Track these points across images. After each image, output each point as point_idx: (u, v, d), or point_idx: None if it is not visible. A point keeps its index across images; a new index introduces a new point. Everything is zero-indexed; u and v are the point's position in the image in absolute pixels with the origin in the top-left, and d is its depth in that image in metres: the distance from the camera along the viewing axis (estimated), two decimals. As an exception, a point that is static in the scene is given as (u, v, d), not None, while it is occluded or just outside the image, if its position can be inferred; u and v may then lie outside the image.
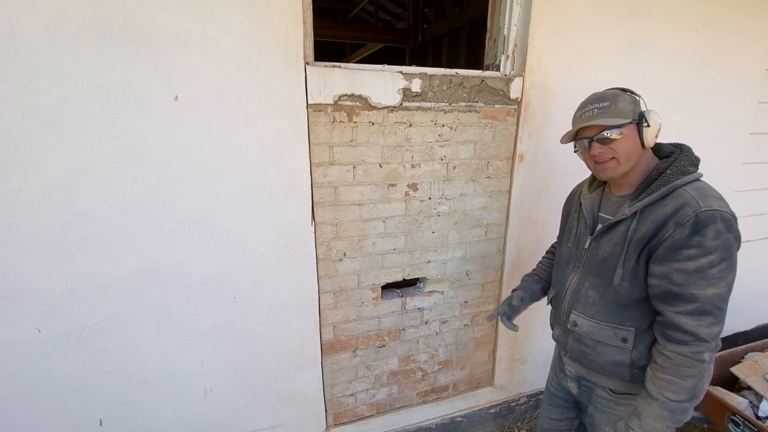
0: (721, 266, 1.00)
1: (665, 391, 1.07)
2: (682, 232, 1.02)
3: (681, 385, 1.05)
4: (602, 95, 1.16)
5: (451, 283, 1.94)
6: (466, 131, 1.73)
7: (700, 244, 1.00)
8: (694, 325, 1.02)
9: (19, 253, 1.26)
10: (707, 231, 0.99)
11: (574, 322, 1.29)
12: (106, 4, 1.16)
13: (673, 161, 1.12)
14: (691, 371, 1.04)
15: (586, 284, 1.25)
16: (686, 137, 2.14)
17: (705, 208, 1.00)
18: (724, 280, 1.01)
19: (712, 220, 0.99)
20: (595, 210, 1.29)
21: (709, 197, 1.03)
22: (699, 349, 1.03)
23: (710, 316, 1.02)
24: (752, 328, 2.97)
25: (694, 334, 1.02)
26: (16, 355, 1.34)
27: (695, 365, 1.04)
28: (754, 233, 2.65)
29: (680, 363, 1.04)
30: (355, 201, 1.64)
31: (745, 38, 2.13)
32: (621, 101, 1.11)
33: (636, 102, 1.14)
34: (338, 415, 1.93)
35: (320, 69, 1.44)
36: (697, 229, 1.00)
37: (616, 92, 1.15)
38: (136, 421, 1.57)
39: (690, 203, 1.02)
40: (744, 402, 1.94)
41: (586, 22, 1.77)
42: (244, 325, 1.60)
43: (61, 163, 1.23)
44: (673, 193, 1.07)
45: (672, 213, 1.04)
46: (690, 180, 1.07)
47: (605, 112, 1.11)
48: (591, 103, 1.15)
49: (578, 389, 1.39)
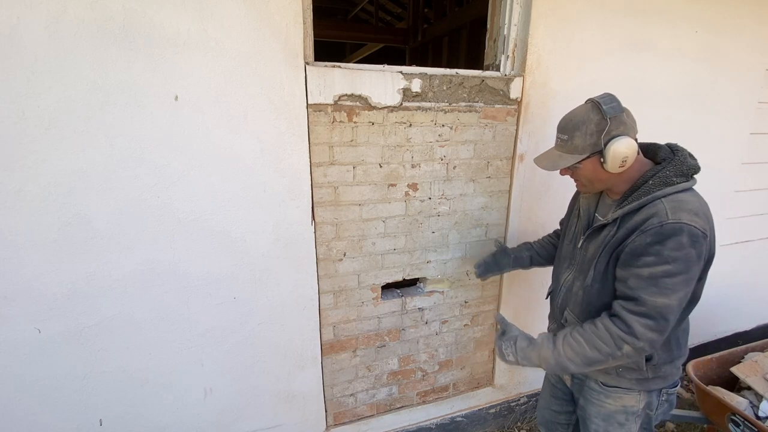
0: (677, 279, 1.01)
1: (566, 347, 1.13)
2: (643, 239, 1.03)
3: (584, 351, 1.10)
4: (567, 123, 1.14)
5: (451, 283, 1.94)
6: (466, 131, 1.73)
7: (658, 253, 1.01)
8: (633, 320, 1.04)
9: (19, 253, 1.26)
10: (669, 241, 1.00)
11: (566, 319, 1.33)
12: (106, 4, 1.16)
13: (659, 170, 1.10)
14: (603, 348, 1.08)
15: (576, 283, 1.29)
16: (686, 137, 2.14)
17: (672, 220, 1.01)
18: (676, 293, 1.02)
19: (677, 232, 1.00)
20: (591, 211, 1.31)
21: (683, 211, 1.03)
22: (625, 338, 1.05)
23: (652, 321, 1.03)
24: (752, 328, 2.97)
25: (630, 327, 1.05)
26: (16, 355, 1.34)
27: (610, 347, 1.07)
28: (754, 233, 2.65)
29: (600, 336, 1.08)
30: (355, 201, 1.64)
31: (745, 38, 2.13)
32: (578, 137, 1.10)
33: (600, 130, 1.07)
34: (338, 415, 1.93)
35: (320, 69, 1.44)
36: (658, 239, 1.01)
37: (582, 118, 1.10)
38: (136, 421, 1.57)
39: (659, 214, 1.03)
40: (744, 402, 1.94)
41: (586, 22, 1.77)
42: (244, 325, 1.60)
43: (61, 163, 1.23)
44: (651, 204, 1.07)
45: (641, 222, 1.06)
46: (671, 192, 1.06)
47: (563, 147, 1.15)
48: (559, 131, 1.17)
49: (571, 381, 1.43)
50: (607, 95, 1.11)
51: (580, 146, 1.10)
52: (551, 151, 1.20)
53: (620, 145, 1.05)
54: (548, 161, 1.19)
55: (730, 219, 2.51)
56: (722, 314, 2.78)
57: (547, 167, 1.18)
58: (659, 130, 2.08)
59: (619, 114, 1.07)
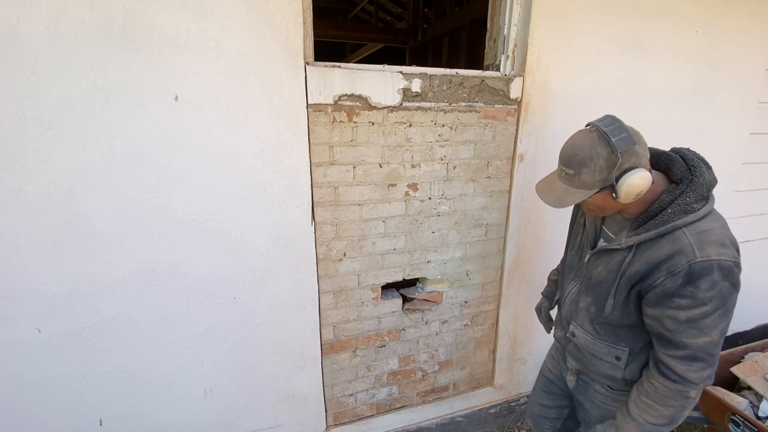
0: (714, 316, 0.98)
1: (645, 415, 1.11)
2: (674, 281, 0.98)
3: (661, 412, 1.09)
4: (572, 157, 1.03)
5: (451, 283, 1.94)
6: (466, 131, 1.73)
7: (692, 295, 0.97)
8: (683, 370, 1.03)
9: (19, 253, 1.26)
10: (701, 282, 0.96)
11: (572, 333, 1.31)
12: (106, 4, 1.16)
13: (679, 195, 1.02)
14: (674, 403, 1.07)
15: (584, 299, 1.26)
16: (686, 137, 2.15)
17: (700, 259, 0.96)
18: (716, 328, 1.00)
19: (708, 271, 0.95)
20: (598, 224, 1.25)
21: (709, 244, 0.97)
22: (685, 389, 1.05)
23: (701, 362, 1.02)
24: (752, 328, 2.97)
25: (683, 378, 1.04)
26: (17, 355, 1.35)
27: (679, 399, 1.06)
28: (754, 233, 2.65)
29: (665, 394, 1.07)
30: (355, 201, 1.64)
31: (745, 38, 2.13)
32: (586, 173, 1.01)
33: (611, 166, 0.98)
34: (338, 415, 1.93)
35: (320, 69, 1.44)
36: (690, 280, 0.97)
37: (589, 153, 1.00)
38: (136, 421, 1.57)
39: (685, 251, 0.97)
40: (744, 402, 1.94)
41: (586, 22, 1.76)
42: (244, 325, 1.60)
43: (61, 163, 1.23)
44: (671, 234, 1.01)
45: (666, 258, 1.00)
46: (692, 220, 0.99)
47: (569, 181, 1.05)
48: (562, 163, 1.07)
49: (576, 383, 1.41)
50: (611, 120, 1.01)
51: (589, 182, 1.02)
52: (556, 184, 1.10)
53: (634, 179, 0.98)
54: (553, 197, 1.09)
55: (730, 219, 2.48)
56: (722, 314, 2.78)
57: (554, 204, 1.08)
58: (659, 130, 2.08)
59: (630, 146, 0.97)
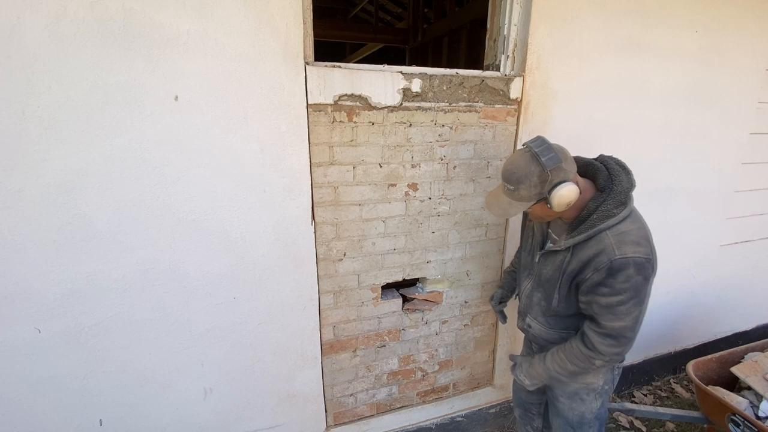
0: (629, 304, 1.20)
1: (554, 364, 1.38)
2: (599, 275, 1.21)
3: (567, 367, 1.35)
4: (510, 175, 1.24)
5: (451, 283, 1.94)
6: (466, 131, 1.73)
7: (611, 285, 1.20)
8: (597, 342, 1.26)
9: (19, 253, 1.26)
10: (618, 275, 1.18)
11: (528, 324, 1.54)
12: (106, 4, 1.16)
13: (602, 202, 1.24)
14: (580, 364, 1.32)
15: (536, 294, 1.47)
16: (686, 137, 2.15)
17: (619, 256, 1.17)
18: (630, 314, 1.22)
19: (624, 266, 1.17)
20: (544, 227, 1.45)
21: (626, 244, 1.19)
22: (593, 356, 1.28)
23: (613, 340, 1.24)
24: (752, 328, 2.97)
25: (594, 348, 1.27)
26: (16, 355, 1.34)
27: (585, 362, 1.30)
28: (754, 233, 2.65)
29: (576, 355, 1.32)
30: (355, 201, 1.64)
31: (745, 38, 2.13)
32: (523, 188, 1.22)
33: (543, 181, 1.20)
34: (338, 415, 1.93)
35: (320, 69, 1.44)
36: (611, 273, 1.19)
37: (524, 172, 1.21)
38: (136, 421, 1.57)
39: (607, 250, 1.20)
40: (744, 402, 1.94)
41: (586, 21, 1.76)
42: (244, 325, 1.60)
43: (61, 163, 1.23)
44: (597, 236, 1.23)
45: (593, 256, 1.22)
46: (614, 223, 1.21)
47: (511, 195, 1.27)
48: (504, 179, 1.28)
49: None
50: (540, 142, 1.22)
51: (527, 196, 1.24)
52: (501, 198, 1.31)
53: (563, 192, 1.19)
54: (500, 209, 1.31)
55: (730, 219, 2.50)
56: (722, 314, 2.78)
57: (500, 215, 1.33)
58: (659, 130, 2.08)
59: (558, 164, 1.18)
